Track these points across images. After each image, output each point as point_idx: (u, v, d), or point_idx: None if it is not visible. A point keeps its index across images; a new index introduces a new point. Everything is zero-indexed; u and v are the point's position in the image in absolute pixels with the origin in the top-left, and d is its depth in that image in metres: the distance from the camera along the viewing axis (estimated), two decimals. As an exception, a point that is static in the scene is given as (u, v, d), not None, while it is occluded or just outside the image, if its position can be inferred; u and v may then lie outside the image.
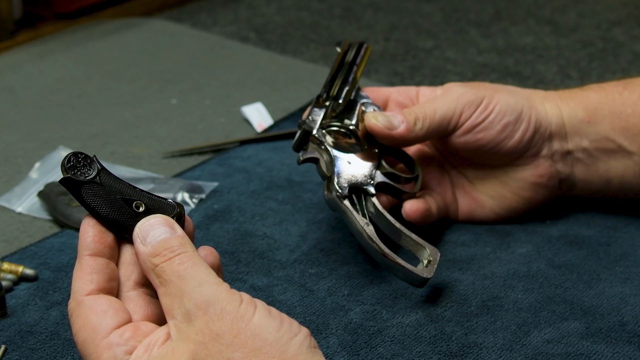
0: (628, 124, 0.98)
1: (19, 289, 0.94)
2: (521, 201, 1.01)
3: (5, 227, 1.05)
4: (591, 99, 0.99)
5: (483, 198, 1.02)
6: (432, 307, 0.91)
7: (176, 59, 1.50)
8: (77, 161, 0.74)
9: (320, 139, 0.95)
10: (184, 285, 0.70)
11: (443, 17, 2.02)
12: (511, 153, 0.98)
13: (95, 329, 0.71)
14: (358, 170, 0.95)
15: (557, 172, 1.00)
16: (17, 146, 1.22)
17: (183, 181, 1.12)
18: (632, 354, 0.85)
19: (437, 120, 0.96)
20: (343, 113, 0.98)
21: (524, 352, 0.86)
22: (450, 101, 0.97)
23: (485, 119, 0.97)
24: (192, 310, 0.68)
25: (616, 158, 0.99)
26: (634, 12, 2.03)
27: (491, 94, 0.98)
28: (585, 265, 0.97)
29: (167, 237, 0.72)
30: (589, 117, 0.99)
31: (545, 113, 0.99)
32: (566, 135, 0.99)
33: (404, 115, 0.96)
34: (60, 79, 1.42)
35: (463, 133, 0.97)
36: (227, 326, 0.67)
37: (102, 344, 0.71)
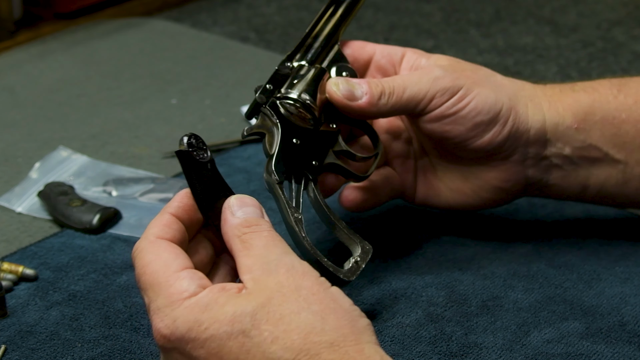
0: (620, 130, 0.92)
1: (19, 289, 0.94)
2: (478, 200, 0.96)
3: (5, 227, 1.05)
4: (582, 103, 0.93)
5: (441, 188, 0.96)
6: (432, 307, 0.91)
7: (176, 59, 1.50)
8: (197, 142, 0.80)
9: (270, 111, 0.88)
10: (269, 252, 0.73)
11: (443, 17, 2.02)
12: (477, 152, 0.92)
13: (167, 263, 0.73)
14: (305, 149, 0.88)
15: (525, 177, 0.94)
16: (17, 146, 1.22)
17: (183, 181, 1.11)
18: (632, 354, 0.85)
19: (405, 99, 0.90)
20: (306, 80, 0.91)
21: (524, 352, 0.85)
22: (424, 82, 0.90)
23: (457, 112, 0.90)
24: (275, 266, 0.72)
25: (599, 166, 0.94)
26: (634, 12, 2.03)
27: (471, 85, 0.91)
28: (585, 265, 0.97)
29: (257, 217, 0.77)
30: (578, 124, 0.92)
31: (526, 117, 0.92)
32: (546, 142, 0.93)
33: (369, 86, 0.89)
34: (60, 79, 1.42)
35: (430, 120, 0.91)
36: (307, 284, 0.71)
37: (174, 275, 0.72)
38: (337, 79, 0.90)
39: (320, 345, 0.68)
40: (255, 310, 0.70)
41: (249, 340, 0.69)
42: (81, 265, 0.98)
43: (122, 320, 0.90)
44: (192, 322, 0.70)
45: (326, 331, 0.69)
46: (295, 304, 0.70)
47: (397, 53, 0.96)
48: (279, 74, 0.91)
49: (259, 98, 0.88)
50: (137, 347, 0.87)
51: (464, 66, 0.93)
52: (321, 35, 0.95)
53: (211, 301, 0.71)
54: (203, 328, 0.70)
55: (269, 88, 0.90)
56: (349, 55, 0.96)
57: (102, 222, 1.03)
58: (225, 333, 0.69)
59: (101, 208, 1.04)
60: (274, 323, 0.69)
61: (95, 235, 1.03)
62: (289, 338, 0.68)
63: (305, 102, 0.89)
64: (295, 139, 0.88)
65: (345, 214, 1.04)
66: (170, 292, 0.72)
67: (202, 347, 0.70)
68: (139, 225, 1.04)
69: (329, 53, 0.95)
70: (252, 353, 0.69)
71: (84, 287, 0.95)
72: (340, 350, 0.68)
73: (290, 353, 0.68)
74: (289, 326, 0.69)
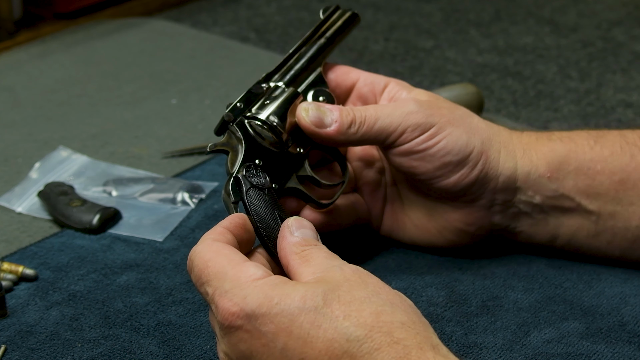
0: (594, 181, 0.91)
1: (19, 289, 0.94)
2: (442, 240, 0.95)
3: (5, 227, 1.05)
4: (558, 152, 0.91)
5: (406, 222, 0.96)
6: (432, 307, 0.91)
7: (176, 59, 1.50)
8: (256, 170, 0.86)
9: (236, 129, 0.88)
10: (331, 261, 0.75)
11: (443, 17, 2.02)
12: (442, 191, 0.91)
13: (230, 256, 0.75)
14: (267, 171, 0.87)
15: (490, 223, 0.93)
16: (17, 146, 1.22)
17: (183, 181, 1.11)
18: (632, 354, 0.85)
19: (375, 130, 0.89)
20: (277, 102, 0.90)
21: (524, 352, 0.86)
22: (397, 115, 0.89)
23: (426, 149, 0.89)
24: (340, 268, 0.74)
25: (571, 216, 0.93)
26: (634, 12, 2.03)
27: (444, 124, 0.89)
28: (585, 265, 0.97)
29: (311, 237, 0.78)
30: (551, 173, 0.91)
31: (497, 164, 0.91)
32: (516, 189, 0.92)
33: (340, 114, 0.89)
34: (60, 79, 1.42)
35: (399, 153, 0.90)
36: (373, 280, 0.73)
37: (240, 263, 0.74)
38: (309, 104, 0.90)
39: (393, 324, 0.70)
40: (326, 292, 0.71)
41: (321, 316, 0.70)
42: (81, 265, 0.98)
43: (122, 320, 0.90)
44: (263, 298, 0.71)
45: (396, 314, 0.70)
46: (364, 292, 0.72)
47: (380, 82, 0.95)
48: (252, 93, 0.91)
49: (227, 116, 0.88)
50: (137, 347, 0.87)
51: (441, 104, 0.92)
52: (303, 58, 0.95)
53: (281, 281, 0.72)
54: (274, 303, 0.71)
55: (240, 106, 0.89)
56: (332, 79, 0.96)
57: (102, 222, 1.03)
58: (297, 308, 0.70)
59: (101, 208, 1.04)
60: (346, 303, 0.70)
61: (95, 235, 1.03)
62: (362, 316, 0.70)
63: (272, 124, 0.89)
64: (259, 159, 0.87)
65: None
66: (238, 276, 0.73)
67: (271, 321, 0.71)
68: (139, 225, 1.04)
69: (308, 76, 0.94)
70: (323, 328, 0.70)
71: (84, 287, 0.95)
72: (412, 330, 0.70)
73: (363, 329, 0.69)
74: (361, 306, 0.70)
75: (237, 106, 0.89)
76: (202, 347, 0.86)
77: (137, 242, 1.02)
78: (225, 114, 0.88)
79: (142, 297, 0.93)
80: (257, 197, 0.84)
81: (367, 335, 0.69)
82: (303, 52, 0.96)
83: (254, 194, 0.84)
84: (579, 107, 1.63)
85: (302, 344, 0.70)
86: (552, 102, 1.64)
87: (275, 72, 0.94)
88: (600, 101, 1.66)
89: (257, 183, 0.84)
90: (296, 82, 0.94)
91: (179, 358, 0.86)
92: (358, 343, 0.69)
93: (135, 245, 1.01)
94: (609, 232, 0.93)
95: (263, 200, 0.84)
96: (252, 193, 0.84)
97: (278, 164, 0.89)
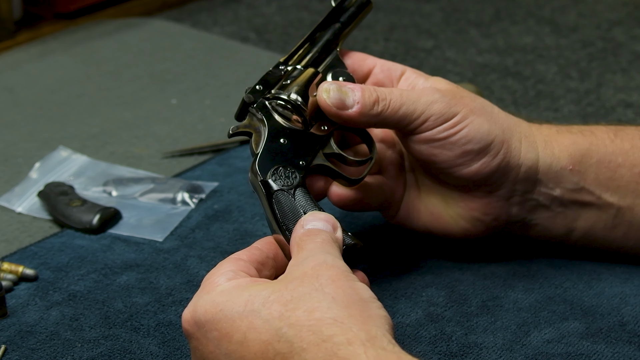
0: (615, 174, 0.91)
1: (19, 289, 0.94)
2: (456, 229, 0.93)
3: (5, 227, 1.05)
4: (580, 145, 0.91)
5: (421, 210, 0.94)
6: (432, 307, 0.91)
7: (176, 59, 1.50)
8: (285, 171, 0.85)
9: (257, 111, 0.87)
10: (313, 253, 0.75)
11: (443, 17, 2.02)
12: (462, 180, 0.90)
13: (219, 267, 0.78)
14: (293, 150, 0.86)
15: (507, 214, 0.92)
16: (17, 146, 1.22)
17: (183, 181, 1.11)
18: (632, 354, 0.85)
19: (399, 115, 0.87)
20: (298, 82, 0.89)
21: (524, 352, 0.86)
22: (422, 102, 0.87)
23: (447, 137, 0.88)
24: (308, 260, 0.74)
25: (589, 209, 0.92)
26: (634, 12, 2.03)
27: (466, 113, 0.88)
28: (585, 265, 0.97)
29: (322, 228, 0.78)
30: (573, 165, 0.91)
31: (519, 153, 0.90)
32: (536, 181, 0.91)
33: (362, 94, 0.87)
34: (60, 79, 1.42)
35: (419, 141, 0.89)
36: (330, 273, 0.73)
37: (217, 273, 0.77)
38: (330, 83, 0.87)
39: (323, 322, 0.69)
40: (269, 294, 0.71)
41: (257, 318, 0.70)
42: (81, 265, 0.98)
43: (122, 320, 0.90)
44: (209, 304, 0.73)
45: (332, 309, 0.70)
46: (308, 287, 0.71)
47: (396, 70, 0.94)
48: (271, 76, 0.90)
49: (247, 98, 0.88)
50: (137, 347, 0.87)
51: (462, 93, 0.91)
52: (320, 42, 0.94)
53: (232, 287, 0.73)
54: (218, 309, 0.72)
55: (259, 89, 0.89)
56: (348, 66, 0.95)
57: (102, 222, 1.03)
58: (237, 313, 0.71)
59: (101, 208, 1.04)
60: (284, 303, 0.71)
61: (95, 235, 1.03)
62: (294, 315, 0.70)
63: (295, 102, 0.88)
64: (283, 139, 0.86)
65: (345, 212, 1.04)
66: (205, 284, 0.75)
67: (215, 328, 0.72)
68: (139, 225, 1.04)
69: (326, 58, 0.93)
70: (258, 330, 0.70)
71: (84, 287, 0.95)
72: (343, 326, 0.69)
73: (294, 329, 0.69)
74: (297, 304, 0.70)
75: (257, 89, 0.89)
76: (202, 347, 0.86)
77: (137, 242, 1.02)
78: (246, 95, 0.87)
79: (142, 297, 0.93)
80: (283, 200, 0.83)
81: (296, 335, 0.69)
82: (319, 37, 0.95)
83: (281, 196, 0.84)
84: (579, 107, 1.63)
85: (241, 347, 0.70)
86: (552, 102, 1.64)
87: (292, 55, 0.93)
88: (600, 101, 1.65)
89: (283, 185, 0.84)
90: (314, 65, 0.92)
91: (179, 358, 0.86)
92: (288, 343, 0.69)
93: (135, 245, 1.01)
94: (625, 224, 0.93)
95: (289, 203, 0.83)
96: (278, 197, 0.84)
97: (303, 143, 0.87)
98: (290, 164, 0.85)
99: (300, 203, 0.83)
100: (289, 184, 0.84)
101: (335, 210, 1.04)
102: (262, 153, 0.85)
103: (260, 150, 0.85)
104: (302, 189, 0.84)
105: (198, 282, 0.95)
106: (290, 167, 0.85)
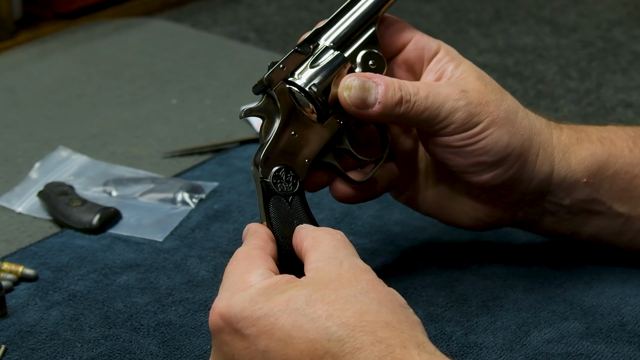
0: (630, 185, 0.90)
1: (19, 289, 0.94)
2: (459, 222, 0.92)
3: (5, 227, 1.05)
4: (597, 157, 0.89)
5: (427, 197, 0.92)
6: (432, 307, 0.91)
7: (176, 59, 1.49)
8: (286, 175, 0.83)
9: (275, 96, 0.83)
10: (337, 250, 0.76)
11: (443, 17, 2.02)
12: (471, 185, 0.88)
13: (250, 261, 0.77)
14: (301, 144, 0.83)
15: (511, 217, 0.92)
16: (17, 146, 1.22)
17: (183, 181, 1.11)
18: (632, 354, 0.85)
19: (421, 119, 0.84)
20: (321, 69, 0.84)
21: (524, 352, 0.85)
22: (445, 108, 0.84)
23: (464, 147, 0.85)
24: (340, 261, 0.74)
25: (597, 218, 0.91)
26: (634, 12, 2.03)
27: (488, 124, 0.85)
28: (585, 265, 0.97)
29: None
30: (588, 178, 0.89)
31: (533, 168, 0.87)
32: (547, 192, 0.89)
33: (385, 92, 0.83)
34: (60, 79, 1.42)
35: (434, 144, 0.86)
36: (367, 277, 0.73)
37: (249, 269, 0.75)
38: (353, 79, 0.83)
39: (376, 324, 0.69)
40: (310, 293, 0.71)
41: (302, 317, 0.70)
42: (81, 265, 0.98)
43: (122, 320, 0.90)
44: (247, 302, 0.72)
45: (382, 313, 0.70)
46: (352, 290, 0.71)
47: (430, 48, 0.88)
48: (299, 52, 0.85)
49: (266, 80, 0.83)
50: (137, 347, 0.87)
51: (489, 96, 0.86)
52: (357, 13, 0.87)
53: (270, 285, 0.73)
54: (257, 307, 0.71)
55: (282, 68, 0.84)
56: (385, 35, 0.88)
57: (102, 222, 1.03)
58: (279, 311, 0.71)
59: (101, 208, 1.04)
60: (329, 303, 0.70)
61: (95, 235, 1.03)
62: (344, 315, 0.69)
63: (312, 93, 0.84)
64: (295, 131, 0.83)
65: (346, 210, 1.04)
66: (239, 280, 0.74)
67: (253, 324, 0.71)
68: (139, 225, 1.04)
69: (362, 36, 0.87)
70: (304, 329, 0.70)
71: (84, 287, 0.95)
72: (396, 330, 0.69)
73: (345, 329, 0.69)
74: (345, 305, 0.70)
75: (280, 68, 0.83)
76: (202, 347, 0.86)
77: (137, 242, 1.02)
78: (266, 77, 0.83)
79: (142, 297, 0.93)
80: (279, 206, 0.82)
81: (349, 335, 0.69)
82: (357, 8, 0.87)
83: (277, 202, 0.82)
84: (579, 107, 1.63)
85: (284, 345, 0.70)
86: (552, 102, 1.64)
87: (326, 28, 0.86)
88: (600, 101, 1.65)
89: (281, 190, 0.83)
90: (347, 44, 0.86)
91: (179, 358, 0.86)
92: (340, 343, 0.69)
93: (135, 245, 1.01)
94: (633, 232, 0.92)
95: (284, 211, 0.82)
96: (274, 202, 0.82)
97: (314, 138, 0.84)
98: (295, 164, 0.83)
99: (295, 213, 0.82)
100: (288, 191, 0.83)
101: (336, 206, 1.04)
102: (270, 145, 0.82)
103: (269, 140, 0.82)
104: (299, 198, 0.83)
105: (198, 282, 0.95)
106: (292, 172, 0.83)
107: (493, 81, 0.88)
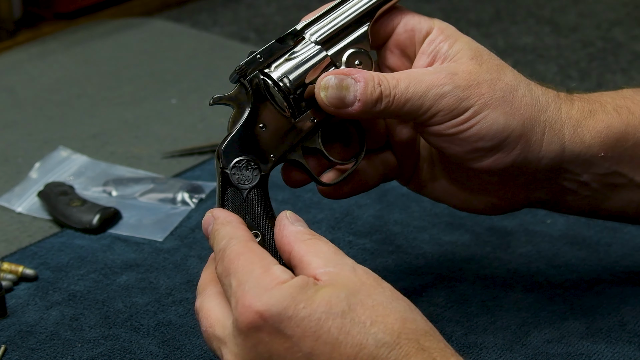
0: None
1: (19, 289, 0.94)
2: (472, 208, 0.88)
3: (5, 227, 1.05)
4: (615, 129, 0.83)
5: (435, 186, 0.88)
6: (432, 307, 0.91)
7: (176, 59, 1.50)
8: (247, 164, 0.80)
9: (247, 86, 0.79)
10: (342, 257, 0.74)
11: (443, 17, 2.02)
12: (475, 171, 0.83)
13: (262, 256, 0.73)
14: (269, 138, 0.79)
15: (527, 199, 0.87)
16: (17, 146, 1.22)
17: (183, 181, 1.11)
18: (632, 354, 0.85)
19: (404, 111, 0.79)
20: (298, 64, 0.80)
21: (524, 352, 0.85)
22: (429, 97, 0.79)
23: (457, 134, 0.80)
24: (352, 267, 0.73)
25: (620, 191, 0.85)
26: (634, 12, 2.03)
27: (479, 108, 0.79)
28: (585, 265, 0.97)
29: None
30: (605, 152, 0.83)
31: (539, 147, 0.82)
32: (562, 170, 0.83)
33: (364, 89, 0.78)
34: (60, 79, 1.42)
35: (428, 133, 0.81)
36: (387, 285, 0.72)
37: (269, 265, 0.72)
38: (329, 79, 0.79)
39: (418, 332, 0.69)
40: (349, 296, 0.70)
41: (348, 321, 0.69)
42: (81, 265, 0.98)
43: (122, 320, 0.90)
44: (290, 300, 0.69)
45: (418, 321, 0.70)
46: (383, 296, 0.71)
47: (421, 29, 0.83)
48: (278, 45, 0.81)
49: (239, 68, 0.80)
50: (137, 347, 0.87)
51: (483, 76, 0.81)
52: (350, 12, 0.82)
53: (305, 284, 0.70)
54: (301, 307, 0.69)
55: (259, 58, 0.80)
56: (375, 26, 0.83)
57: (102, 222, 1.03)
58: (324, 313, 0.69)
59: (101, 208, 1.04)
60: (370, 308, 0.70)
61: (95, 235, 1.03)
62: (388, 322, 0.69)
63: (284, 87, 0.79)
64: (263, 124, 0.79)
65: (346, 210, 1.04)
66: (264, 276, 0.71)
67: (298, 325, 0.69)
68: (139, 225, 1.04)
69: (352, 33, 0.82)
70: (351, 334, 0.69)
71: (84, 287, 0.95)
72: (433, 338, 0.69)
73: (391, 336, 0.69)
74: (385, 311, 0.69)
75: (257, 58, 0.80)
76: (202, 347, 0.86)
77: (137, 242, 1.02)
78: (239, 66, 0.79)
79: (142, 297, 0.93)
80: (234, 198, 0.79)
81: (395, 342, 0.68)
82: (352, 6, 0.82)
83: (233, 194, 0.79)
84: (579, 107, 1.63)
85: (331, 349, 0.69)
86: (552, 102, 1.64)
87: (315, 22, 0.82)
88: (600, 101, 1.65)
89: (238, 182, 0.79)
90: (333, 41, 0.82)
91: (179, 358, 0.86)
92: (387, 349, 0.68)
93: (135, 245, 1.01)
94: None
95: (238, 203, 0.79)
96: (230, 194, 0.79)
97: (283, 135, 0.80)
98: (259, 157, 0.79)
99: (249, 208, 0.79)
100: (246, 183, 0.79)
101: (336, 206, 1.04)
102: (234, 136, 0.79)
103: (234, 131, 0.79)
104: (258, 191, 0.80)
105: (198, 282, 0.95)
106: (254, 164, 0.79)
107: (492, 57, 0.83)
